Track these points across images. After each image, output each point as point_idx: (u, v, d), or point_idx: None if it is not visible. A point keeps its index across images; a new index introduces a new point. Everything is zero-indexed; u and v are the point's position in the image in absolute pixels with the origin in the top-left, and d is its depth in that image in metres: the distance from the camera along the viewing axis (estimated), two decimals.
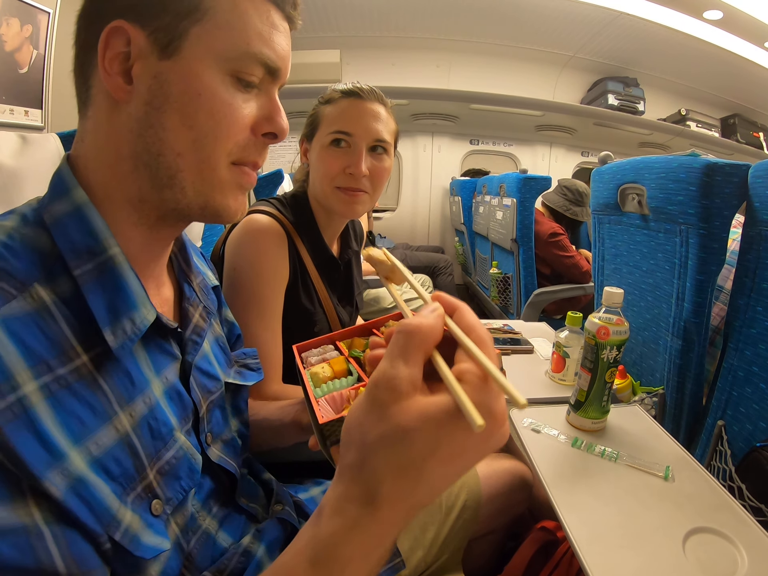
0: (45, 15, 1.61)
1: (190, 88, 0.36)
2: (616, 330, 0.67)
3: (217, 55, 0.37)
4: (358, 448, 0.27)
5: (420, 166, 3.92)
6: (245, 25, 0.37)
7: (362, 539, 0.26)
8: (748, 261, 0.74)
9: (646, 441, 0.71)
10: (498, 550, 0.85)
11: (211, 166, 0.38)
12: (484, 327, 0.28)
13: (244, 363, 0.59)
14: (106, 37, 0.35)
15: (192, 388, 0.45)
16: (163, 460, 0.38)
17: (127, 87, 0.36)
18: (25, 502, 0.27)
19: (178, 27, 0.35)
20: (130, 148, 0.37)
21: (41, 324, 0.31)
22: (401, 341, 0.27)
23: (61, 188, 0.37)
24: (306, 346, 0.62)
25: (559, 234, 2.17)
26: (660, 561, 0.50)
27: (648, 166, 0.92)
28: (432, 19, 3.13)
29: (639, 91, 3.61)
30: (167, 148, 0.37)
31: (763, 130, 3.85)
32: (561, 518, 0.56)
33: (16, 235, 0.33)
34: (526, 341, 1.12)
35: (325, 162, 0.77)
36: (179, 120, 0.36)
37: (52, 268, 0.33)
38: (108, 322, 0.34)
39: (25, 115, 1.62)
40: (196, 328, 0.47)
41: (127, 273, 0.37)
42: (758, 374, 0.72)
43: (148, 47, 0.35)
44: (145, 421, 0.37)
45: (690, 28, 2.91)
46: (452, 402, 0.25)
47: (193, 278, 0.51)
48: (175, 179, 0.38)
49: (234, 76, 0.38)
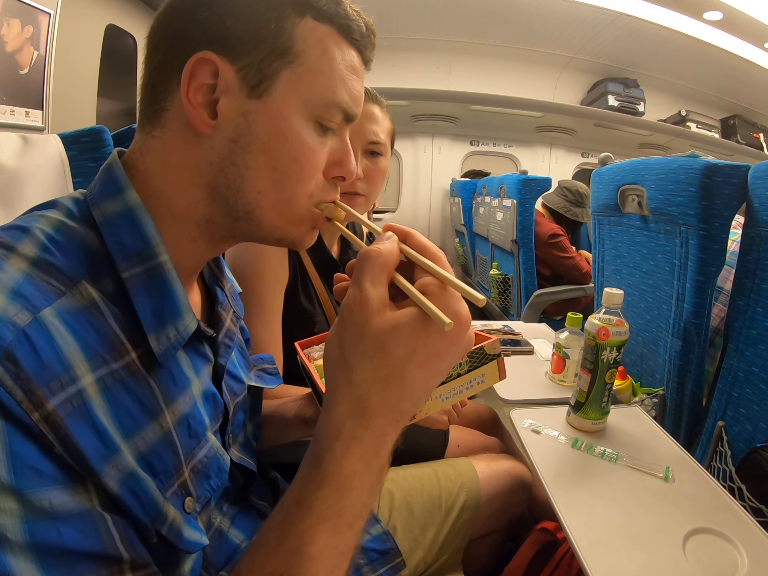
0: (46, 16, 1.61)
1: (278, 131, 0.36)
2: (616, 331, 0.67)
3: (305, 100, 0.37)
4: (343, 370, 0.29)
5: (420, 168, 3.93)
6: (333, 72, 0.37)
7: (361, 451, 0.29)
8: (747, 262, 0.74)
9: (646, 442, 0.71)
10: (498, 550, 0.85)
11: (291, 206, 0.39)
12: (435, 246, 0.32)
13: (262, 367, 0.60)
14: (192, 67, 0.34)
15: (223, 390, 0.45)
16: (196, 458, 0.39)
17: (211, 122, 0.35)
18: (86, 488, 0.27)
19: (270, 67, 0.35)
20: (209, 180, 0.37)
21: (92, 319, 0.31)
22: (365, 266, 0.30)
23: (113, 186, 0.36)
24: (308, 343, 0.62)
25: (560, 235, 2.17)
26: (660, 562, 0.50)
27: (648, 168, 0.92)
28: (432, 21, 3.14)
29: (639, 92, 3.62)
30: (248, 186, 0.37)
31: (763, 131, 3.85)
32: (561, 519, 0.56)
33: (63, 229, 0.32)
34: (527, 342, 1.12)
35: None
36: (264, 161, 0.36)
37: (99, 268, 0.33)
38: (153, 328, 0.34)
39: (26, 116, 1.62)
40: (228, 332, 0.47)
41: (174, 281, 0.37)
42: (758, 375, 0.72)
43: (237, 84, 0.35)
44: (185, 419, 0.38)
45: (690, 29, 2.91)
46: (420, 311, 0.28)
47: (225, 283, 0.52)
48: (252, 215, 0.38)
49: (316, 121, 0.38)
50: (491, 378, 0.45)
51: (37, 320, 0.27)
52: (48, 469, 0.25)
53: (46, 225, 0.32)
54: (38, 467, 0.25)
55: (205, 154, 0.36)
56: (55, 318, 0.28)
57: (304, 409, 0.59)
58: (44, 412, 0.25)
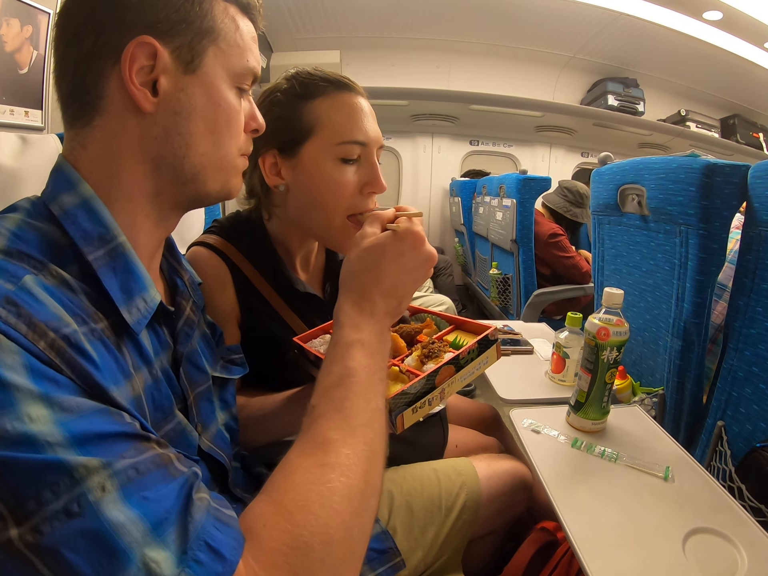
0: (45, 16, 1.61)
1: (212, 100, 0.42)
2: (616, 331, 0.67)
3: (228, 70, 0.43)
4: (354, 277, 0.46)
5: (420, 167, 3.92)
6: (244, 44, 0.44)
7: (372, 328, 0.44)
8: (747, 261, 0.74)
9: (646, 441, 0.71)
10: (498, 550, 0.84)
11: (228, 160, 0.45)
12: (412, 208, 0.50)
13: (229, 359, 0.61)
14: (132, 50, 0.37)
15: (180, 377, 0.46)
16: (163, 431, 0.41)
17: (153, 99, 0.39)
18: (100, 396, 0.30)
19: (199, 45, 0.40)
20: (154, 153, 0.41)
21: (66, 292, 0.33)
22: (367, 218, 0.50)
23: (66, 183, 0.39)
24: (305, 337, 0.62)
25: (559, 235, 2.17)
26: (660, 561, 0.50)
27: (648, 167, 0.92)
28: (432, 20, 3.13)
29: (639, 92, 3.61)
30: (193, 151, 0.42)
31: (762, 131, 3.85)
32: (561, 519, 0.56)
33: (25, 227, 0.35)
34: (526, 342, 1.12)
35: (338, 186, 0.63)
36: (204, 127, 0.42)
37: (64, 256, 0.36)
38: (123, 302, 0.38)
39: (25, 116, 1.62)
40: (187, 320, 0.50)
41: (134, 258, 0.40)
42: (758, 375, 0.72)
43: (172, 63, 0.39)
44: (151, 390, 0.40)
45: (690, 28, 2.91)
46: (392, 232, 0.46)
47: (184, 274, 0.54)
48: (198, 176, 0.43)
49: (237, 87, 0.44)
50: (492, 359, 0.55)
51: (21, 287, 0.30)
52: (64, 381, 0.28)
53: (9, 224, 0.34)
54: (56, 379, 0.28)
55: (149, 130, 0.40)
56: (35, 285, 0.31)
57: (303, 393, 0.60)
58: (49, 339, 0.29)
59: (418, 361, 0.52)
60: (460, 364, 0.50)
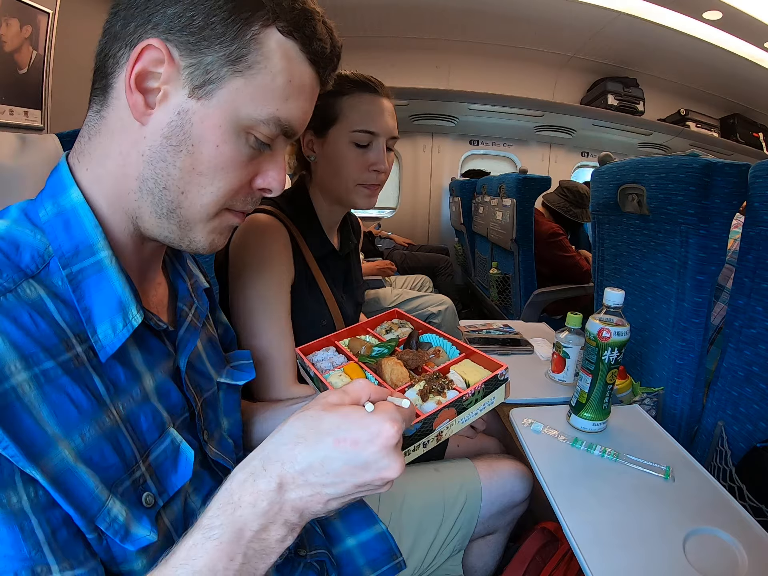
0: (45, 15, 1.61)
1: (211, 138, 0.36)
2: (617, 331, 0.67)
3: (246, 112, 0.36)
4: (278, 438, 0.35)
5: (419, 167, 3.92)
6: (283, 89, 0.37)
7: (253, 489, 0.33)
8: (747, 261, 0.74)
9: (646, 441, 0.71)
10: (498, 550, 0.84)
11: (207, 212, 0.39)
12: None
13: (236, 364, 0.60)
14: (141, 50, 0.34)
15: (185, 385, 0.45)
16: (156, 452, 0.39)
17: (147, 110, 0.35)
18: (15, 488, 0.28)
19: (218, 71, 0.34)
20: (138, 171, 0.37)
21: (35, 316, 0.32)
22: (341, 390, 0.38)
23: (58, 187, 0.37)
24: (308, 348, 0.62)
25: (559, 234, 2.17)
26: (660, 561, 0.50)
27: (648, 167, 0.91)
28: (431, 20, 3.13)
29: (638, 92, 3.61)
30: (173, 185, 0.37)
31: (762, 130, 3.85)
32: (561, 518, 0.55)
33: (7, 236, 0.34)
34: (526, 341, 1.12)
35: (350, 161, 0.80)
36: (191, 164, 0.36)
37: (46, 267, 0.34)
38: (98, 321, 0.35)
39: (25, 116, 1.62)
40: (189, 327, 0.48)
41: (114, 276, 0.37)
42: (758, 374, 0.72)
43: (180, 80, 0.35)
44: (136, 414, 0.38)
45: (689, 28, 2.91)
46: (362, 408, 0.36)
47: (188, 279, 0.52)
48: (173, 213, 0.38)
49: (250, 133, 0.37)
50: (499, 399, 0.52)
51: None
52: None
53: None
54: None
55: (138, 145, 0.36)
56: None
57: None
58: None
59: (418, 397, 0.49)
60: (462, 406, 0.47)
